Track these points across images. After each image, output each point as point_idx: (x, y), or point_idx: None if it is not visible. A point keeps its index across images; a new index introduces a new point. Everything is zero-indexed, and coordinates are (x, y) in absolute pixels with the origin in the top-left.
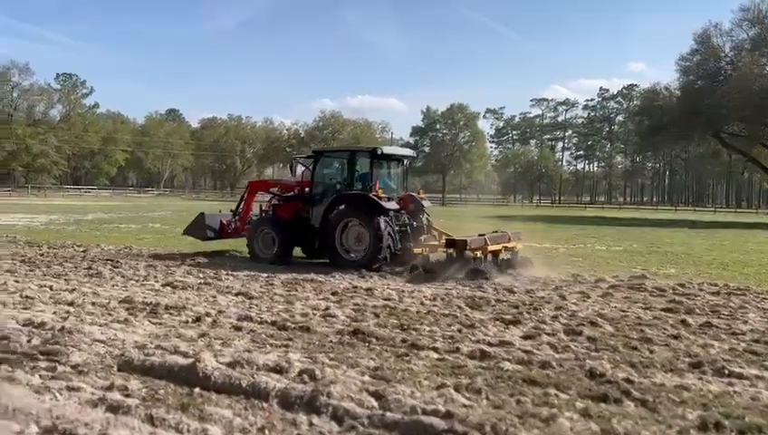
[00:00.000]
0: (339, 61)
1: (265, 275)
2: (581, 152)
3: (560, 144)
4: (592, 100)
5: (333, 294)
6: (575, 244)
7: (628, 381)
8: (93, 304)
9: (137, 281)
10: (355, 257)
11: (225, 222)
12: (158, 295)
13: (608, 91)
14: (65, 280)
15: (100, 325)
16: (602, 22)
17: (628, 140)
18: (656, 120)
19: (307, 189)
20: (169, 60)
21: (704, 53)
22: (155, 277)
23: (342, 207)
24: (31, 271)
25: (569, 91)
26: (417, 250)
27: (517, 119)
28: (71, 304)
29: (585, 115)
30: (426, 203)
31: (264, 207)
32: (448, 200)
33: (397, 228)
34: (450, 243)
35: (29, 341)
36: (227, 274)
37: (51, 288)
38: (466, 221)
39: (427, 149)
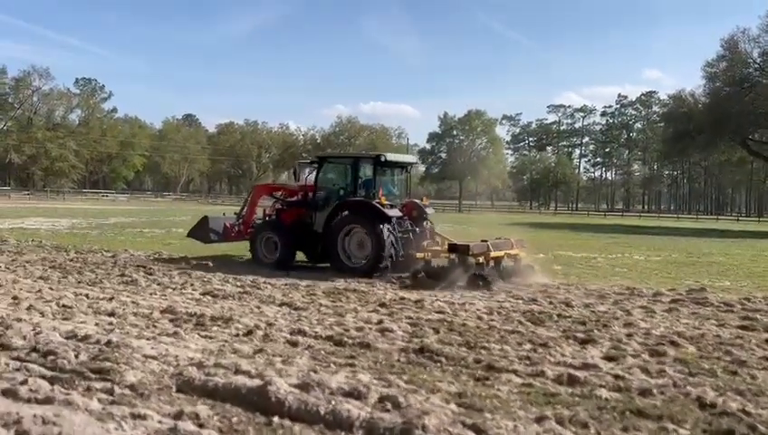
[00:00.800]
0: (353, 67)
1: (305, 283)
2: (599, 159)
3: (576, 151)
4: (610, 106)
5: (381, 305)
6: (612, 253)
7: (745, 412)
8: (135, 314)
9: (174, 289)
10: (357, 264)
11: (228, 225)
12: (200, 305)
13: (626, 97)
14: (101, 288)
15: (147, 339)
16: (617, 29)
17: (646, 147)
18: (682, 126)
19: (311, 195)
20: (183, 66)
21: (731, 59)
22: (192, 285)
23: (345, 213)
24: (64, 277)
25: (582, 99)
26: (419, 255)
27: (534, 125)
28: (111, 314)
29: (603, 122)
30: (429, 210)
31: (267, 212)
32: (464, 207)
33: (400, 235)
34: (453, 248)
35: (76, 356)
36: (265, 282)
37: (87, 296)
38: (489, 228)
39: (443, 156)
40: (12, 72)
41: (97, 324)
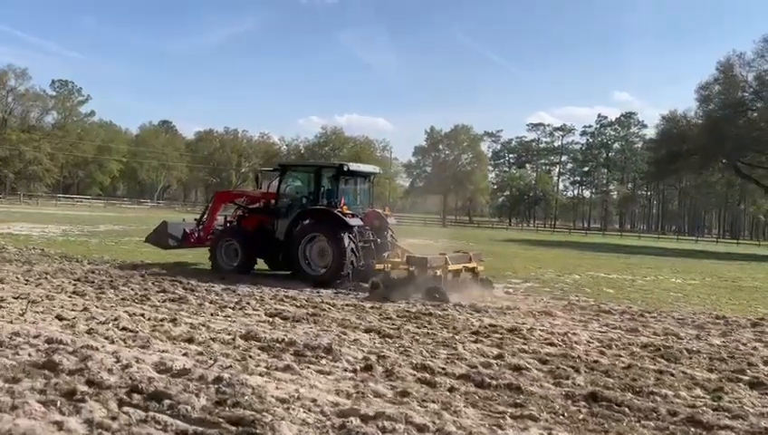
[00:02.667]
0: (329, 79)
1: (369, 305)
2: (577, 178)
3: (556, 169)
4: (590, 126)
5: (476, 333)
6: (640, 274)
7: None
8: (214, 340)
9: (233, 308)
10: (318, 272)
11: (188, 231)
12: (278, 330)
13: (606, 118)
14: (151, 306)
15: (260, 375)
16: (588, 51)
17: (624, 167)
18: (675, 147)
19: (273, 202)
20: (157, 73)
21: (724, 82)
22: (248, 304)
23: (307, 221)
24: (100, 292)
25: (554, 118)
26: (378, 266)
27: (514, 142)
28: (189, 340)
29: (582, 141)
30: (391, 220)
31: (228, 218)
32: (447, 222)
33: (361, 244)
34: (410, 260)
35: (197, 398)
36: (323, 301)
37: (144, 317)
38: (489, 244)
39: (428, 169)
40: None
41: (185, 354)
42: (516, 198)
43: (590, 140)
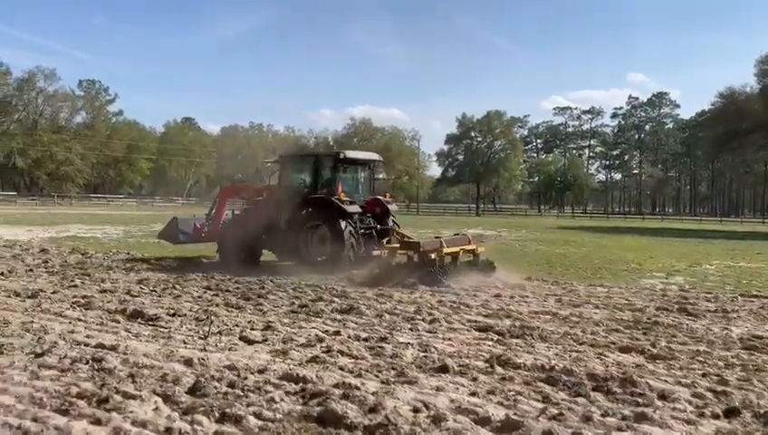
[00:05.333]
0: (339, 71)
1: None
2: (609, 162)
3: (586, 153)
4: (621, 108)
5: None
6: (743, 260)
7: None
8: (466, 367)
9: (427, 322)
10: (320, 259)
11: (198, 226)
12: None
13: (637, 99)
14: (329, 319)
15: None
16: (601, 33)
17: (657, 148)
18: (732, 125)
19: (275, 193)
20: (166, 71)
21: None
22: (431, 314)
23: (307, 210)
24: (258, 306)
25: (568, 102)
26: (376, 252)
27: (541, 128)
28: (443, 368)
29: (612, 124)
30: (392, 207)
31: (235, 212)
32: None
33: (362, 231)
34: (405, 245)
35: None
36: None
37: (340, 334)
38: (556, 234)
39: (460, 158)
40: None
41: (473, 394)
42: (547, 183)
43: (623, 122)
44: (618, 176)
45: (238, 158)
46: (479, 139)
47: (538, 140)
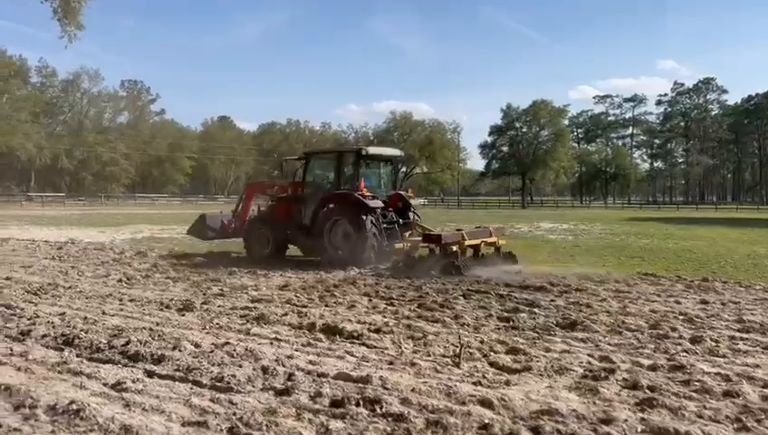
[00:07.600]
0: (364, 67)
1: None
2: (654, 151)
3: (629, 142)
4: (665, 95)
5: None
6: None
7: None
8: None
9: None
10: (343, 255)
11: (225, 222)
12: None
13: (682, 85)
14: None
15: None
16: (628, 20)
17: (704, 136)
18: None
19: (300, 190)
20: (193, 71)
21: None
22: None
23: (330, 206)
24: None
25: (597, 91)
26: (398, 245)
27: (582, 117)
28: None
29: (655, 112)
30: (414, 202)
31: (260, 208)
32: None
33: (384, 226)
34: (426, 238)
35: None
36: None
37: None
38: (643, 226)
39: (505, 149)
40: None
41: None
42: (592, 174)
43: (669, 109)
44: (660, 165)
45: (274, 155)
46: (524, 129)
47: (578, 130)
